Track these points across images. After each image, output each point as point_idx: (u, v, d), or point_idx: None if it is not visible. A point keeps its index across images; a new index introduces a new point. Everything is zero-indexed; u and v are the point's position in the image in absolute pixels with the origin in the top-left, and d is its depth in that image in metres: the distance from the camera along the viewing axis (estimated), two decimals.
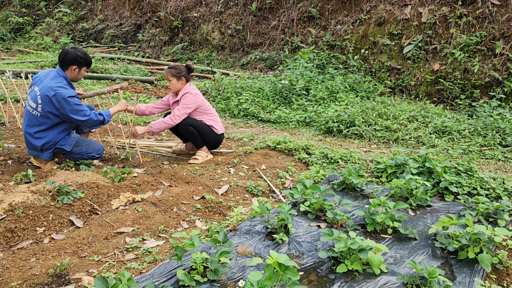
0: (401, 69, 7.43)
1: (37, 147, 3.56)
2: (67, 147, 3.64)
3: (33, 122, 3.52)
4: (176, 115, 3.95)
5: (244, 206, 3.19)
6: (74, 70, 3.57)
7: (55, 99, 3.41)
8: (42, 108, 3.46)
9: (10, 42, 13.44)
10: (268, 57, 9.32)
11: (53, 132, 3.56)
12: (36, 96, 3.48)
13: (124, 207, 3.03)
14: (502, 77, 6.40)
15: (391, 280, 2.12)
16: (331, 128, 5.38)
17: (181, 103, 4.00)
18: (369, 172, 3.88)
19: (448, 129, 5.17)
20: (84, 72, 3.68)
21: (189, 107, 3.99)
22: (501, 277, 2.29)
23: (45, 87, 3.45)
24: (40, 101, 3.45)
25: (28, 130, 3.55)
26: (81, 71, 3.62)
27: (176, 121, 3.96)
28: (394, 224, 2.63)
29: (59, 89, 3.42)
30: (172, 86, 4.07)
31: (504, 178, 3.49)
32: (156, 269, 2.20)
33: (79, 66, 3.58)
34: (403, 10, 7.87)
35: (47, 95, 3.42)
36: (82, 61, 3.57)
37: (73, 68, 3.56)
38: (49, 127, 3.54)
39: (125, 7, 12.59)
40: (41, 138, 3.54)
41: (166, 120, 3.95)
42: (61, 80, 3.52)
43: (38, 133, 3.53)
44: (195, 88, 4.13)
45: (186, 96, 4.02)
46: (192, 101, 4.01)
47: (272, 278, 1.83)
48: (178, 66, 4.05)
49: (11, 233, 2.56)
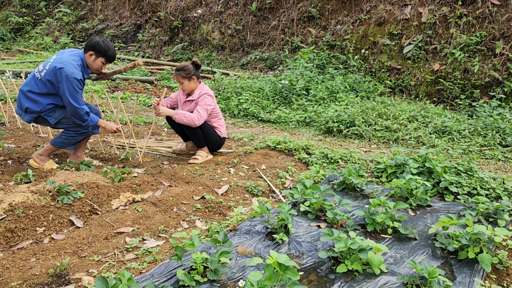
0: (401, 69, 7.43)
1: (23, 107, 3.55)
2: (52, 120, 3.59)
3: (31, 83, 3.53)
4: (202, 116, 3.92)
5: (244, 206, 3.19)
6: (90, 56, 3.57)
7: (59, 72, 3.40)
8: (45, 74, 3.47)
9: (10, 42, 13.45)
10: (268, 57, 9.32)
11: (43, 100, 3.53)
12: (48, 63, 3.51)
13: (124, 207, 3.03)
14: (502, 77, 6.40)
15: (391, 280, 2.12)
16: (331, 128, 5.38)
17: (202, 104, 3.97)
18: (369, 172, 3.88)
19: (448, 129, 5.17)
20: (101, 63, 3.62)
21: (208, 109, 3.99)
22: (501, 277, 2.29)
23: (60, 59, 3.47)
24: (48, 68, 3.46)
25: (23, 87, 3.55)
26: (97, 60, 3.59)
27: (201, 121, 3.94)
28: (394, 224, 2.63)
29: (68, 65, 3.42)
30: (186, 88, 4.04)
31: (504, 178, 3.49)
32: (156, 269, 2.20)
33: (96, 55, 3.56)
34: (403, 10, 7.87)
35: (56, 66, 3.42)
36: (100, 50, 3.55)
37: (90, 53, 3.56)
38: (42, 93, 3.51)
39: (125, 7, 12.59)
40: (30, 100, 3.52)
41: (193, 117, 3.89)
42: (77, 59, 3.52)
43: (30, 93, 3.51)
44: (209, 89, 4.14)
45: (206, 97, 4.01)
46: (211, 102, 4.03)
47: (272, 278, 1.83)
48: (185, 67, 3.98)
49: (11, 233, 2.56)
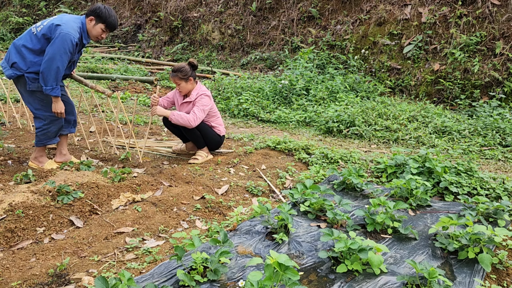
0: (401, 69, 7.43)
1: (10, 61, 3.39)
2: (29, 85, 3.38)
3: (26, 37, 3.40)
4: (198, 117, 3.91)
5: (244, 206, 3.19)
6: (91, 22, 3.46)
7: (55, 29, 3.29)
8: (41, 29, 3.34)
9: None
10: (268, 57, 9.32)
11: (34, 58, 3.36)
12: (46, 20, 3.40)
13: (124, 207, 3.03)
14: (502, 77, 6.40)
15: (391, 280, 2.12)
16: (331, 128, 5.38)
17: (199, 105, 3.96)
18: (369, 172, 3.88)
19: (448, 129, 5.17)
20: (100, 30, 3.48)
21: (205, 109, 3.99)
22: (501, 277, 2.29)
23: (60, 18, 3.38)
24: (45, 24, 3.35)
25: (17, 41, 3.42)
26: (96, 26, 3.46)
27: (197, 122, 3.93)
28: (394, 224, 2.63)
29: (67, 25, 3.31)
30: (183, 89, 4.03)
31: (504, 178, 3.49)
32: (156, 269, 2.20)
33: (96, 20, 3.45)
34: (403, 10, 7.87)
35: (54, 22, 3.31)
36: (100, 15, 3.43)
37: (90, 18, 3.45)
38: (34, 49, 3.36)
39: (125, 7, 12.59)
40: (20, 55, 3.37)
41: (188, 118, 3.88)
42: (78, 22, 3.42)
43: (22, 48, 3.36)
44: (206, 89, 4.14)
45: (203, 97, 4.00)
46: (209, 103, 4.03)
47: (272, 278, 1.83)
48: (182, 68, 3.95)
49: (11, 233, 2.56)
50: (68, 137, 3.84)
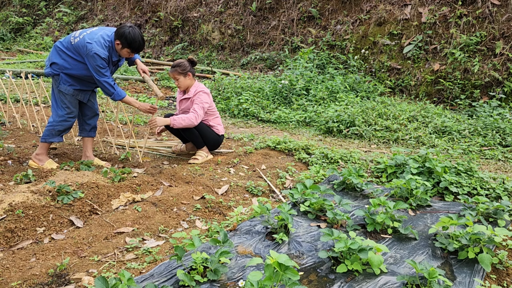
0: (401, 69, 7.43)
1: (51, 60, 3.63)
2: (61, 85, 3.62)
3: (66, 43, 3.59)
4: (199, 115, 3.93)
5: (244, 206, 3.19)
6: (117, 45, 3.58)
7: (85, 48, 3.46)
8: (77, 42, 3.53)
9: (10, 42, 13.44)
10: (268, 57, 9.32)
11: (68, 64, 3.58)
12: (84, 32, 3.56)
13: (124, 207, 3.03)
14: (502, 77, 6.40)
15: (391, 280, 2.12)
16: (331, 128, 5.38)
17: (198, 102, 3.98)
18: (369, 172, 3.88)
19: (448, 129, 5.17)
20: (127, 53, 3.63)
21: (205, 106, 4.00)
22: (501, 277, 2.29)
23: (93, 34, 3.51)
24: (81, 38, 3.52)
25: (59, 44, 3.63)
26: (123, 50, 3.60)
27: (198, 120, 3.94)
28: (394, 224, 2.63)
29: (96, 43, 3.46)
30: (181, 84, 4.07)
31: (504, 178, 3.49)
32: (156, 269, 2.20)
33: (122, 45, 3.56)
34: (403, 10, 7.87)
35: (85, 39, 3.48)
36: (124, 42, 3.54)
37: (117, 42, 3.56)
38: (70, 56, 3.57)
39: (125, 7, 12.59)
40: (60, 57, 3.59)
41: (190, 118, 3.89)
42: (107, 40, 3.55)
43: (61, 52, 3.60)
44: (205, 86, 4.16)
45: (201, 94, 4.02)
46: (207, 100, 4.04)
47: (272, 278, 1.83)
48: (181, 63, 4.04)
49: (11, 233, 2.56)
50: (93, 140, 4.08)
